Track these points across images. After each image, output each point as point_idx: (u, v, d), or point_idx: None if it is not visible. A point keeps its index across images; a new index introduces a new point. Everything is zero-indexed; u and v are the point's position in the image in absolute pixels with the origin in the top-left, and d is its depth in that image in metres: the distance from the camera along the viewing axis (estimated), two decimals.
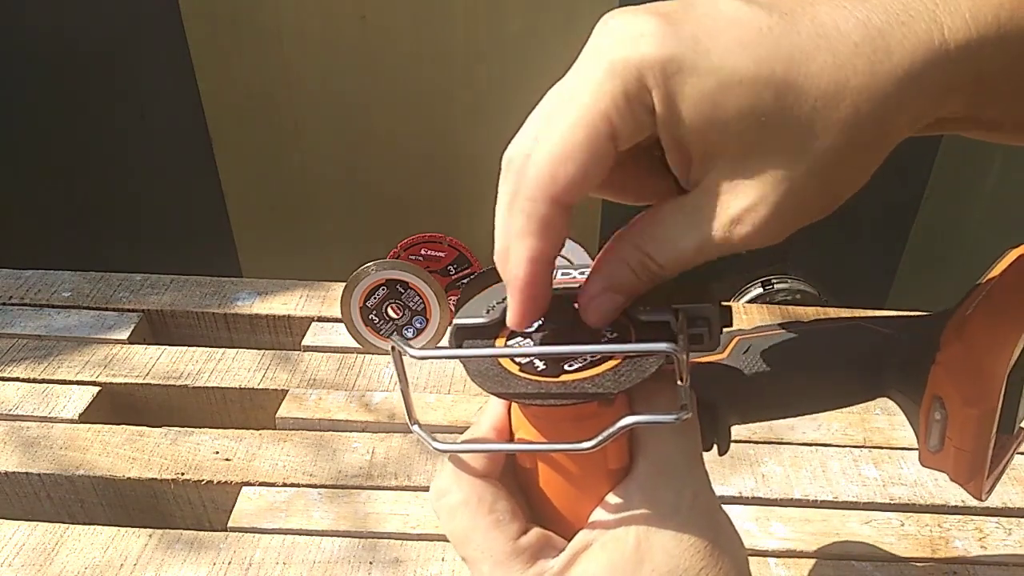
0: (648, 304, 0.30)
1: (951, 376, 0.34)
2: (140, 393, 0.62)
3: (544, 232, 0.27)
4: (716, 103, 0.24)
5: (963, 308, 0.36)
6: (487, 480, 0.30)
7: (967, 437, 0.34)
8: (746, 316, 0.71)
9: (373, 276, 0.63)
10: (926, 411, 0.36)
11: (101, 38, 1.14)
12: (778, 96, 0.24)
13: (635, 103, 0.25)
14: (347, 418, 0.59)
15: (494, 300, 0.32)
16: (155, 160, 1.24)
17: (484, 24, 1.13)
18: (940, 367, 0.35)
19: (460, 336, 0.31)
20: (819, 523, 0.52)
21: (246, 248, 1.34)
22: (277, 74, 1.17)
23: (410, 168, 1.25)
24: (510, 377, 0.29)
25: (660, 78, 0.24)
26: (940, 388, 0.35)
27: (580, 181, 0.26)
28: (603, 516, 0.29)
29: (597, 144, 0.25)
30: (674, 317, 0.29)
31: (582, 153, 0.25)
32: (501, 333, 0.31)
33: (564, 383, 0.28)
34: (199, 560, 0.49)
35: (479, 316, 0.31)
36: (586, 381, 0.28)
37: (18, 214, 1.27)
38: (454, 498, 0.29)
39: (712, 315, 0.30)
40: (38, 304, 0.70)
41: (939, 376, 0.35)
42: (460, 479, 0.30)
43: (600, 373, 0.28)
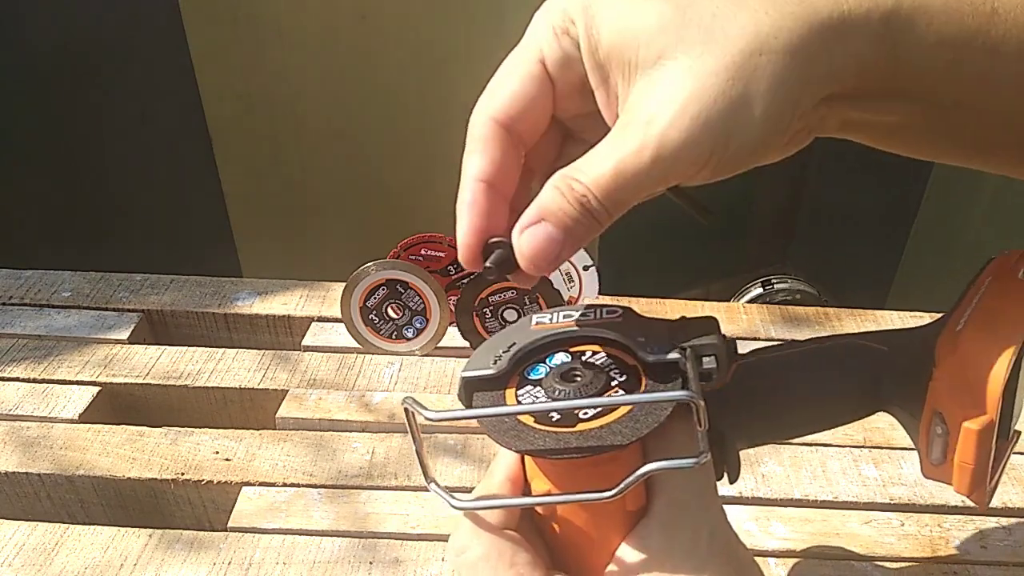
0: (654, 343, 0.30)
1: (949, 391, 0.35)
2: (140, 393, 0.62)
3: (485, 151, 0.29)
4: (626, 22, 0.27)
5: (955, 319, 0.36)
6: (506, 533, 0.30)
7: (969, 451, 0.34)
8: (746, 316, 0.71)
9: (373, 276, 0.63)
10: (926, 426, 0.36)
11: (101, 38, 1.14)
12: (678, 9, 0.26)
13: (560, 35, 0.29)
14: (347, 418, 0.59)
15: (500, 349, 0.32)
16: (155, 160, 1.24)
17: (484, 24, 1.13)
18: (938, 382, 0.35)
19: (469, 389, 0.31)
20: (819, 523, 0.52)
21: (246, 248, 1.34)
22: (277, 74, 1.17)
23: (410, 168, 1.25)
24: (526, 430, 0.29)
25: (580, 11, 0.28)
26: (939, 403, 0.35)
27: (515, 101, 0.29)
28: (624, 559, 0.29)
29: (528, 67, 0.29)
30: (682, 355, 0.29)
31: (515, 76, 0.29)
32: (510, 383, 0.31)
33: (581, 433, 0.28)
34: (199, 560, 0.49)
35: (486, 367, 0.31)
36: (603, 429, 0.28)
37: (18, 214, 1.27)
38: (474, 554, 0.29)
39: (719, 350, 0.30)
40: (38, 304, 0.70)
41: (937, 391, 0.35)
42: (479, 535, 0.30)
43: (616, 420, 0.28)
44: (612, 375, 0.30)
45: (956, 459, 0.34)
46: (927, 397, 0.36)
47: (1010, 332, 0.34)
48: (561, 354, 0.31)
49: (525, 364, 0.31)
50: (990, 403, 0.33)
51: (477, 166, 0.30)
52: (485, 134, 0.29)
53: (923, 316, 0.71)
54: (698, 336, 0.30)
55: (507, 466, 0.31)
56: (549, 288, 0.63)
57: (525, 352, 0.31)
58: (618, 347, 0.31)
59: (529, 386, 0.30)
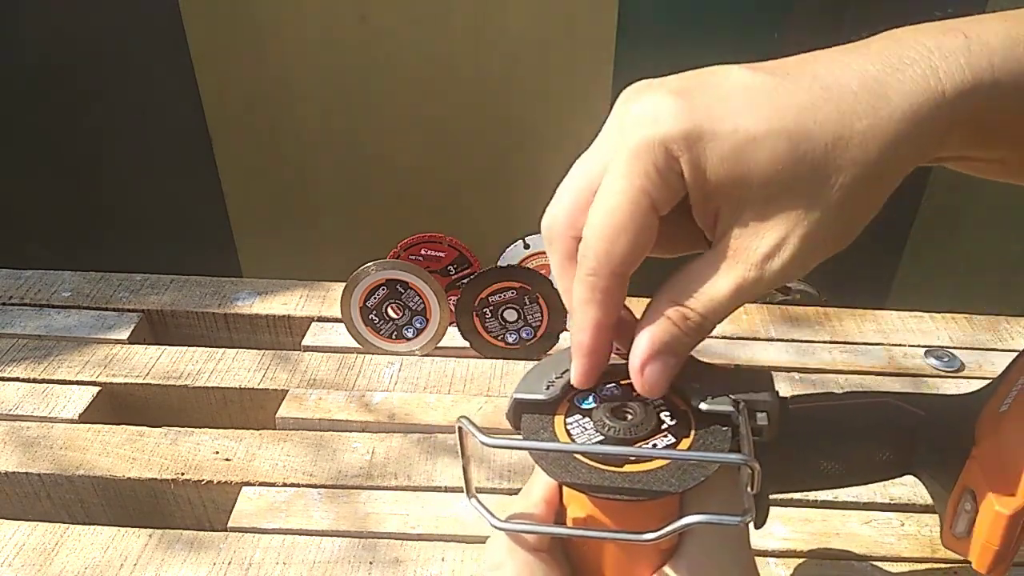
0: (708, 392, 0.30)
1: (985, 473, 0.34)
2: (140, 393, 0.62)
3: (606, 302, 0.29)
4: (736, 161, 0.27)
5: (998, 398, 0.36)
6: (539, 554, 0.30)
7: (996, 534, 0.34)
8: (746, 316, 0.71)
9: (373, 276, 0.63)
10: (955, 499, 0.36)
11: (101, 37, 1.14)
12: (791, 145, 0.27)
13: (666, 173, 0.27)
14: (347, 418, 0.59)
15: (553, 374, 0.32)
16: (155, 160, 1.24)
17: (484, 24, 1.13)
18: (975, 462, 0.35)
19: (519, 410, 0.31)
20: (819, 523, 0.52)
21: (246, 248, 1.34)
22: (277, 74, 1.17)
23: (410, 168, 1.25)
24: (573, 463, 0.29)
25: (684, 148, 0.27)
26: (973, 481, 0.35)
27: (634, 251, 0.28)
28: None
29: (642, 216, 0.28)
30: (735, 408, 0.29)
31: (631, 226, 0.28)
32: (559, 409, 0.31)
33: (628, 475, 0.28)
34: (199, 560, 0.49)
35: (538, 392, 0.31)
36: (649, 475, 0.28)
37: (18, 214, 1.27)
38: (507, 572, 0.30)
39: (772, 407, 0.30)
40: (38, 304, 0.70)
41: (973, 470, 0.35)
42: (514, 553, 0.30)
43: (663, 467, 0.28)
44: (662, 417, 0.30)
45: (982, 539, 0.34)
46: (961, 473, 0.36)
47: None
48: (612, 386, 0.31)
49: (576, 391, 0.31)
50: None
51: (600, 317, 0.29)
52: (607, 287, 0.29)
53: (923, 316, 0.71)
54: (752, 389, 0.30)
55: (545, 487, 0.32)
56: (549, 288, 0.63)
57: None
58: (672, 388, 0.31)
59: (578, 415, 0.31)
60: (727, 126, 0.27)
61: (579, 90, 1.17)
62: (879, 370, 0.65)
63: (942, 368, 0.65)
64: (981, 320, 0.71)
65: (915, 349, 0.67)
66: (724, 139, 0.27)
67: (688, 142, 0.27)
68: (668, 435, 0.29)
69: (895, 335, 0.69)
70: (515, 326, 0.65)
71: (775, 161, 0.27)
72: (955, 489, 0.36)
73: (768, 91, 0.27)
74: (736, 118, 0.27)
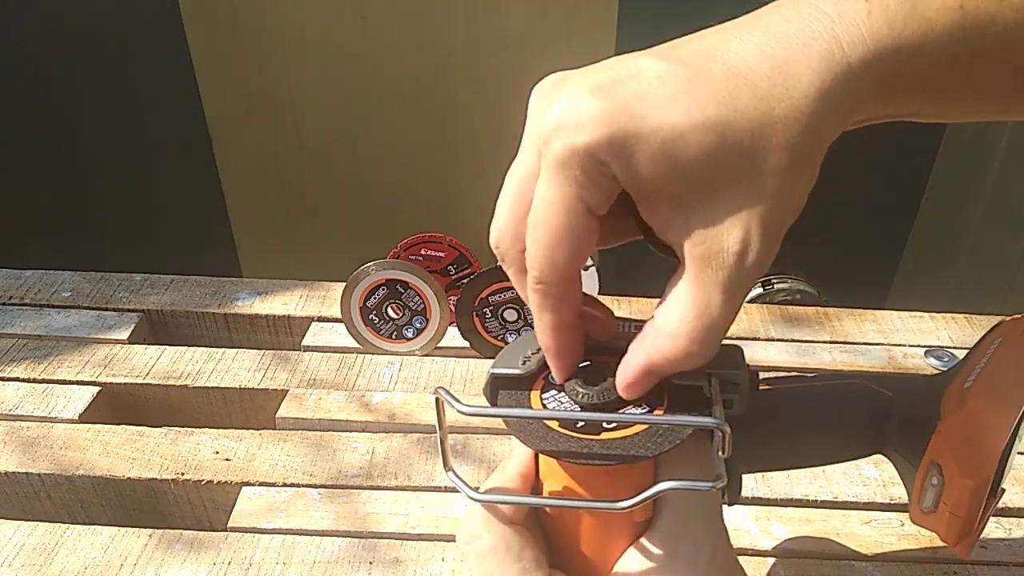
0: None
1: (950, 446, 0.36)
2: (140, 393, 0.62)
3: (558, 306, 0.30)
4: (667, 157, 0.27)
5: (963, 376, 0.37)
6: (515, 527, 0.31)
7: (962, 505, 0.35)
8: (746, 316, 0.71)
9: (373, 276, 0.63)
10: (923, 474, 0.37)
11: (101, 38, 1.14)
12: (718, 137, 0.26)
13: (596, 177, 0.27)
14: (347, 418, 0.59)
15: (529, 350, 0.32)
16: (155, 160, 1.24)
17: (484, 24, 1.13)
18: (940, 436, 0.36)
19: (496, 386, 0.32)
20: (819, 523, 0.52)
21: (246, 248, 1.34)
22: (277, 74, 1.17)
23: (410, 168, 1.25)
24: (550, 433, 0.29)
25: (611, 154, 0.27)
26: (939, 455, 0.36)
27: (576, 256, 0.29)
28: (626, 567, 0.30)
29: (578, 221, 0.28)
30: (707, 382, 0.30)
31: (569, 233, 0.28)
32: (535, 384, 0.32)
33: (604, 442, 0.29)
34: (199, 560, 0.49)
35: (515, 366, 0.32)
36: (625, 440, 0.29)
37: (18, 214, 1.27)
38: (484, 544, 0.31)
39: (743, 381, 0.31)
40: (38, 304, 0.70)
41: (938, 445, 0.36)
42: (490, 525, 0.31)
43: (638, 433, 0.29)
44: None
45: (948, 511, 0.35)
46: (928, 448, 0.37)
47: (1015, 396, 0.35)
48: (587, 364, 0.32)
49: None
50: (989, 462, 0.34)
51: (559, 319, 0.30)
52: (557, 293, 0.29)
53: (923, 316, 0.71)
54: (724, 364, 0.30)
55: (521, 462, 0.32)
56: None
57: None
58: None
59: (554, 390, 0.31)
60: (650, 124, 0.26)
61: None
62: (879, 370, 0.65)
63: (942, 368, 0.65)
64: (981, 320, 0.71)
65: (915, 349, 0.67)
66: (650, 138, 0.26)
67: (614, 148, 0.27)
68: (642, 405, 0.30)
69: (895, 335, 0.69)
70: (515, 326, 0.65)
71: (705, 155, 0.26)
72: (922, 464, 0.37)
73: (684, 82, 0.27)
74: (658, 115, 0.26)
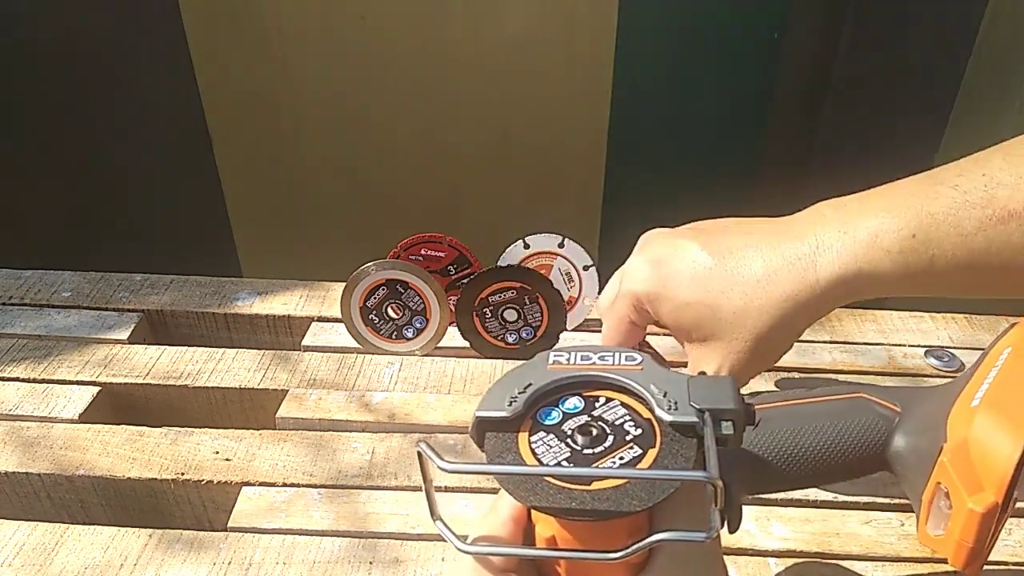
0: (671, 400, 0.30)
1: (958, 470, 0.34)
2: (140, 393, 0.62)
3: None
4: (677, 316, 0.44)
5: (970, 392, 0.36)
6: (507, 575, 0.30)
7: (970, 532, 0.34)
8: None
9: (373, 276, 0.63)
10: (929, 496, 0.36)
11: (101, 37, 1.14)
12: (711, 311, 0.43)
13: (639, 310, 0.46)
14: (347, 418, 0.59)
15: (515, 389, 0.32)
16: (155, 160, 1.24)
17: (484, 24, 1.13)
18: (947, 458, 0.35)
19: (482, 428, 0.31)
20: (819, 523, 0.52)
21: (246, 248, 1.34)
22: (277, 74, 1.17)
23: (410, 168, 1.25)
24: (540, 484, 0.29)
25: (647, 301, 0.45)
26: (945, 478, 0.35)
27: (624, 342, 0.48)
28: None
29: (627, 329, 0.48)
30: (700, 418, 0.29)
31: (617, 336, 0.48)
32: (523, 426, 0.31)
33: (595, 493, 0.28)
34: (199, 560, 0.49)
35: (501, 409, 0.31)
36: (617, 491, 0.28)
37: (18, 214, 1.27)
38: None
39: (737, 416, 0.30)
40: (38, 304, 0.70)
41: (945, 467, 0.35)
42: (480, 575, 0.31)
43: (631, 482, 0.28)
44: (627, 428, 0.30)
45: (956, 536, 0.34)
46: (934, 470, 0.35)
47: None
48: (575, 399, 0.31)
49: (538, 406, 0.31)
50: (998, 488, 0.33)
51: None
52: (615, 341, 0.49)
53: (923, 316, 0.71)
54: (716, 396, 0.30)
55: (512, 506, 0.32)
56: (549, 288, 0.63)
57: (540, 394, 0.31)
58: (634, 397, 0.31)
59: (542, 432, 0.30)
60: (672, 293, 0.44)
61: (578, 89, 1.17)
62: (879, 370, 0.65)
63: (942, 368, 0.65)
64: (981, 320, 0.71)
65: (915, 349, 0.67)
66: (669, 302, 0.44)
67: (649, 299, 0.45)
68: (634, 446, 0.29)
69: (895, 335, 0.69)
70: (515, 326, 0.65)
71: (700, 319, 0.43)
72: (928, 486, 0.36)
73: (706, 271, 0.43)
74: (679, 289, 0.43)
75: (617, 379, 0.31)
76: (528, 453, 0.30)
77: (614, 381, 0.31)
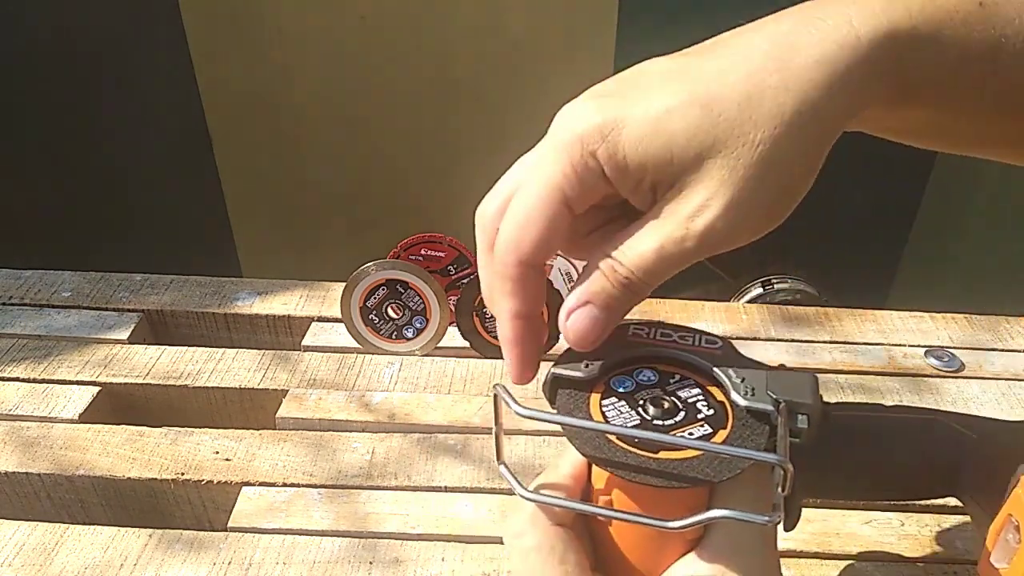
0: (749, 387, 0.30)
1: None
2: (140, 393, 0.62)
3: (517, 291, 0.31)
4: (653, 137, 0.28)
5: None
6: (561, 529, 0.31)
7: None
8: (746, 316, 0.71)
9: (373, 276, 0.63)
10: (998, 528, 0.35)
11: (101, 37, 1.14)
12: (705, 110, 0.27)
13: (581, 171, 0.29)
14: (347, 418, 0.59)
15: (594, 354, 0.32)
16: (155, 160, 1.24)
17: (484, 24, 1.13)
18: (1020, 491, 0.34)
19: (555, 385, 0.31)
20: (819, 523, 0.52)
21: (246, 248, 1.34)
22: (277, 74, 1.17)
23: (410, 168, 1.25)
24: (607, 443, 0.29)
25: (599, 140, 0.28)
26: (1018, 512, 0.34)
27: (542, 243, 0.30)
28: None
29: (552, 211, 0.29)
30: (775, 408, 0.29)
31: (540, 220, 0.29)
32: (596, 388, 0.31)
33: (661, 461, 0.28)
34: (199, 560, 0.49)
35: (577, 369, 0.31)
36: (683, 463, 0.28)
37: (18, 214, 1.27)
38: (529, 542, 0.30)
39: (813, 411, 0.29)
40: (38, 304, 0.70)
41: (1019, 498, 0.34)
42: (537, 523, 0.31)
43: (697, 456, 0.28)
44: (699, 407, 0.30)
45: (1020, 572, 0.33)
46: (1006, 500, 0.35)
47: None
48: (650, 372, 0.32)
49: (613, 373, 0.32)
50: None
51: (514, 306, 0.31)
52: (517, 275, 0.30)
53: (923, 316, 0.71)
54: (795, 390, 0.30)
55: (573, 463, 0.32)
56: (550, 288, 0.63)
57: (616, 362, 0.32)
58: (709, 380, 0.31)
59: (614, 398, 0.31)
60: (639, 107, 0.28)
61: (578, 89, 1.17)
62: (879, 370, 0.65)
63: (942, 368, 0.65)
64: (981, 320, 0.71)
65: (915, 349, 0.67)
66: (637, 120, 0.28)
67: (602, 133, 0.28)
68: (705, 425, 0.29)
69: (895, 335, 0.69)
70: None
71: (690, 128, 0.27)
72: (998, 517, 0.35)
73: (683, 69, 0.28)
74: (649, 100, 0.28)
75: (695, 359, 0.32)
76: (598, 414, 0.30)
77: (691, 360, 0.32)
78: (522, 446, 0.57)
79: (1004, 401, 0.61)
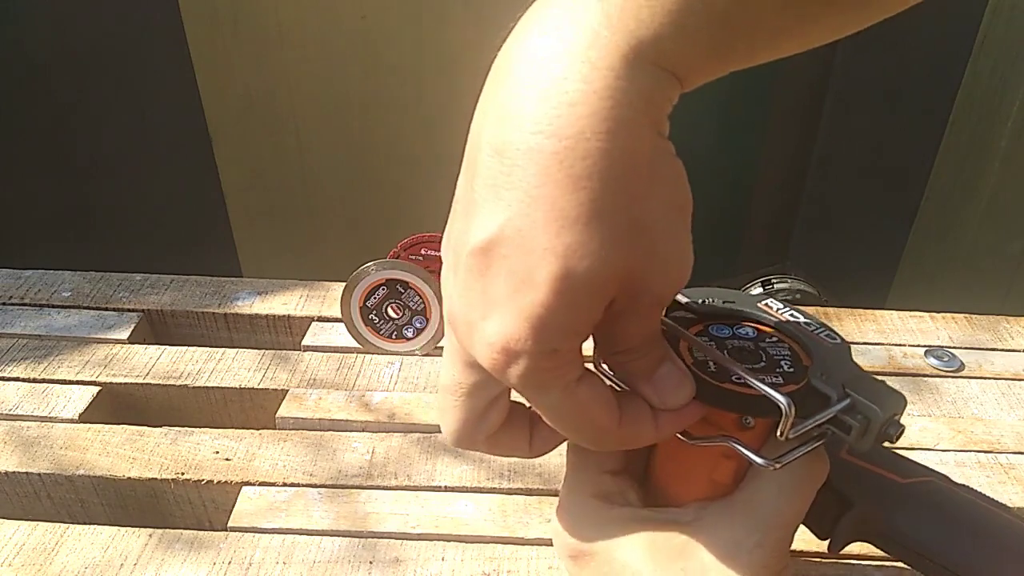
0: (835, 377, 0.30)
1: None
2: (140, 393, 0.62)
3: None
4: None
5: None
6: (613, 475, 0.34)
7: None
8: None
9: (373, 276, 0.63)
10: None
11: (101, 38, 1.14)
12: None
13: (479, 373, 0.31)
14: (347, 418, 0.59)
15: (719, 299, 0.34)
16: (155, 160, 1.24)
17: (484, 24, 1.12)
18: None
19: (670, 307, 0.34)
20: None
21: (246, 248, 1.34)
22: (277, 74, 1.17)
23: (410, 168, 1.25)
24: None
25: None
26: None
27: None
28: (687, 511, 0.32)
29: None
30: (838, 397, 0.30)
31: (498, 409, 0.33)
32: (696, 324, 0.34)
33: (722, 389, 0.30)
34: (199, 560, 0.49)
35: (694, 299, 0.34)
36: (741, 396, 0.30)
37: (18, 214, 1.27)
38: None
39: (874, 419, 0.29)
40: (38, 304, 0.70)
41: None
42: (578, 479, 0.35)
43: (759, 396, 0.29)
44: (783, 365, 0.31)
45: None
46: None
47: None
48: (752, 330, 0.34)
49: (718, 320, 0.34)
50: None
51: None
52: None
53: (923, 316, 0.71)
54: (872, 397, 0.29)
55: None
56: None
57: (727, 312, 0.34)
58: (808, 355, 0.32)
59: (707, 337, 0.33)
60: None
61: None
62: (879, 370, 0.65)
63: (942, 368, 0.65)
64: (981, 320, 0.71)
65: (915, 349, 0.67)
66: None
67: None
68: (780, 377, 0.31)
69: (895, 335, 0.69)
70: None
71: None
72: None
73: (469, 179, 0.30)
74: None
75: (801, 337, 0.33)
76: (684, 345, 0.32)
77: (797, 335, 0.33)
78: None
79: (1004, 401, 0.62)
